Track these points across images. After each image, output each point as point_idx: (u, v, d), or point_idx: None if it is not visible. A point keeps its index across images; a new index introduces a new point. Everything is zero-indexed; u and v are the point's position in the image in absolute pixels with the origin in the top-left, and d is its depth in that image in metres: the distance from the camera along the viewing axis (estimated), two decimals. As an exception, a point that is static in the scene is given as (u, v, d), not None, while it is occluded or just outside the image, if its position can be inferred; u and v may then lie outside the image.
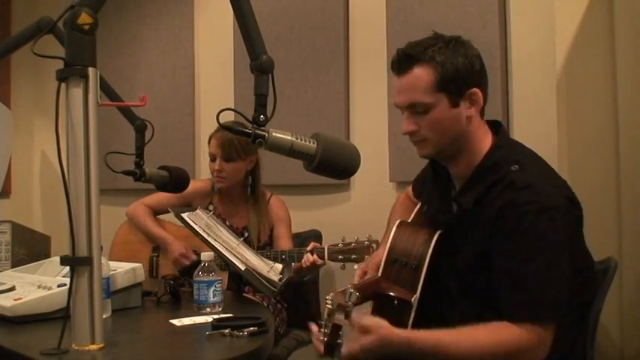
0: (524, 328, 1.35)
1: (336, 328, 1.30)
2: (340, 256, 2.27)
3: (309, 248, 2.29)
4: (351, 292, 1.37)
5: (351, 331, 1.38)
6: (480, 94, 1.50)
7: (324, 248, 2.29)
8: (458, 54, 1.48)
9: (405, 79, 1.50)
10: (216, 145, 2.49)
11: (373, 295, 1.45)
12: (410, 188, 1.95)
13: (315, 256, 2.25)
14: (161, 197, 2.70)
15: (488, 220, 1.44)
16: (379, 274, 1.58)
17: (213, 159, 2.52)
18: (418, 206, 1.79)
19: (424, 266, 1.52)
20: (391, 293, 1.50)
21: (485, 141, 1.54)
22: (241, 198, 2.62)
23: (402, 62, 1.51)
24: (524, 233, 1.38)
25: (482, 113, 1.55)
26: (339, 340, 1.30)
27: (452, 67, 1.46)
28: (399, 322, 1.42)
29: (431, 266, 1.53)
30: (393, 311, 1.45)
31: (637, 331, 2.42)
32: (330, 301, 1.35)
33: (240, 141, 2.44)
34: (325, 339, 1.33)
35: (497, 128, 1.59)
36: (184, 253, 2.49)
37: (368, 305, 1.57)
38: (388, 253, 1.59)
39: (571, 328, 1.47)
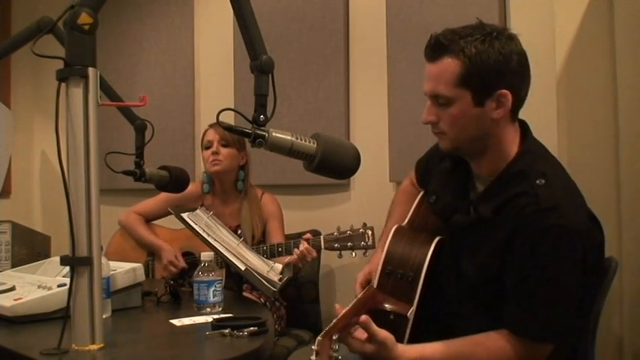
0: (523, 342, 1.36)
1: None
2: (336, 244, 2.28)
3: (304, 238, 2.28)
4: (334, 339, 1.27)
5: (360, 331, 1.37)
6: (509, 96, 1.39)
7: (320, 237, 2.29)
8: (492, 49, 1.36)
9: (433, 67, 1.42)
10: (213, 132, 2.58)
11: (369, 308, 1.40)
12: (413, 174, 1.87)
13: (306, 244, 2.23)
14: (151, 204, 2.74)
15: (507, 234, 1.37)
16: (374, 286, 1.54)
17: (208, 147, 2.57)
18: (420, 195, 1.72)
19: (421, 278, 1.48)
20: (387, 307, 1.46)
21: (512, 144, 1.46)
22: (232, 197, 2.64)
23: (433, 49, 1.42)
24: (543, 255, 1.33)
25: (514, 115, 1.46)
26: None
27: (481, 63, 1.36)
28: (394, 336, 1.39)
29: (429, 276, 1.48)
30: (388, 325, 1.40)
31: (637, 332, 2.42)
32: (316, 346, 1.26)
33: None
34: None
35: (525, 130, 1.51)
36: (173, 261, 2.51)
37: None
38: (384, 264, 1.55)
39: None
